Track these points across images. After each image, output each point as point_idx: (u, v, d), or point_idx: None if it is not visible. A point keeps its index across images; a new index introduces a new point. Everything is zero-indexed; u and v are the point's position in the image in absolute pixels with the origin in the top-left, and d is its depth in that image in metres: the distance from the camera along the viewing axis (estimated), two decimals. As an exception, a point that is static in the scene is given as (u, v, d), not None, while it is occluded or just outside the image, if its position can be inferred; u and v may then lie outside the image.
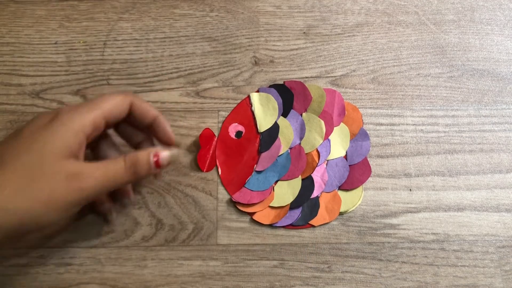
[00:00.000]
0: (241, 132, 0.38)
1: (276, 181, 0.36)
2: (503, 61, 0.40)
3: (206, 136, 0.37)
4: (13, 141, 0.26)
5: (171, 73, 0.39)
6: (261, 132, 0.37)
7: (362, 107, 0.39)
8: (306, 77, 0.39)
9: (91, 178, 0.26)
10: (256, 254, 0.35)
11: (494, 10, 0.42)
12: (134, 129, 0.33)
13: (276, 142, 0.37)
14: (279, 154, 0.37)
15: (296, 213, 0.35)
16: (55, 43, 0.40)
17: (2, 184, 0.25)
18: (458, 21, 0.42)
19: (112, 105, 0.29)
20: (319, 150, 0.37)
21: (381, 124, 0.38)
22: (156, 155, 0.29)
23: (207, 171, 0.36)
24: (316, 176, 0.36)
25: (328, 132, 0.37)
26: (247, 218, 0.35)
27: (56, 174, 0.25)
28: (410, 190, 0.36)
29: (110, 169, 0.27)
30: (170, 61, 0.40)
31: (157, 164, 0.29)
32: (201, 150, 0.36)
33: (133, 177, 0.28)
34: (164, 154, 0.29)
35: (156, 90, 0.39)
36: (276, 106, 0.38)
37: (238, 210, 0.35)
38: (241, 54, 0.40)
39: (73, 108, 0.28)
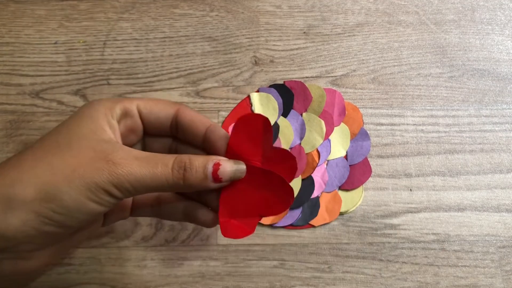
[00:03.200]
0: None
1: (276, 181, 0.36)
2: (504, 61, 0.40)
3: None
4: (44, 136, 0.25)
5: (171, 73, 0.39)
6: (261, 132, 0.37)
7: (362, 107, 0.39)
8: (306, 77, 0.39)
9: (126, 166, 0.22)
10: (256, 254, 0.35)
11: (495, 10, 0.42)
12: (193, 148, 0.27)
13: (276, 142, 0.37)
14: (279, 154, 0.37)
15: (297, 213, 0.35)
16: (55, 43, 0.40)
17: (22, 158, 0.22)
18: (459, 21, 0.42)
19: (150, 102, 0.26)
20: (319, 150, 0.37)
21: (382, 124, 0.38)
22: (217, 164, 0.24)
23: None
24: (316, 176, 0.36)
25: (328, 132, 0.37)
26: (247, 218, 0.35)
27: (85, 149, 0.22)
28: (411, 190, 0.36)
29: (152, 163, 0.22)
30: (170, 61, 0.40)
31: (215, 176, 0.23)
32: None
33: (180, 183, 0.23)
34: (228, 165, 0.24)
35: (156, 90, 0.39)
36: (276, 106, 0.38)
37: (238, 210, 0.35)
38: (241, 54, 0.40)
39: (104, 98, 0.26)
